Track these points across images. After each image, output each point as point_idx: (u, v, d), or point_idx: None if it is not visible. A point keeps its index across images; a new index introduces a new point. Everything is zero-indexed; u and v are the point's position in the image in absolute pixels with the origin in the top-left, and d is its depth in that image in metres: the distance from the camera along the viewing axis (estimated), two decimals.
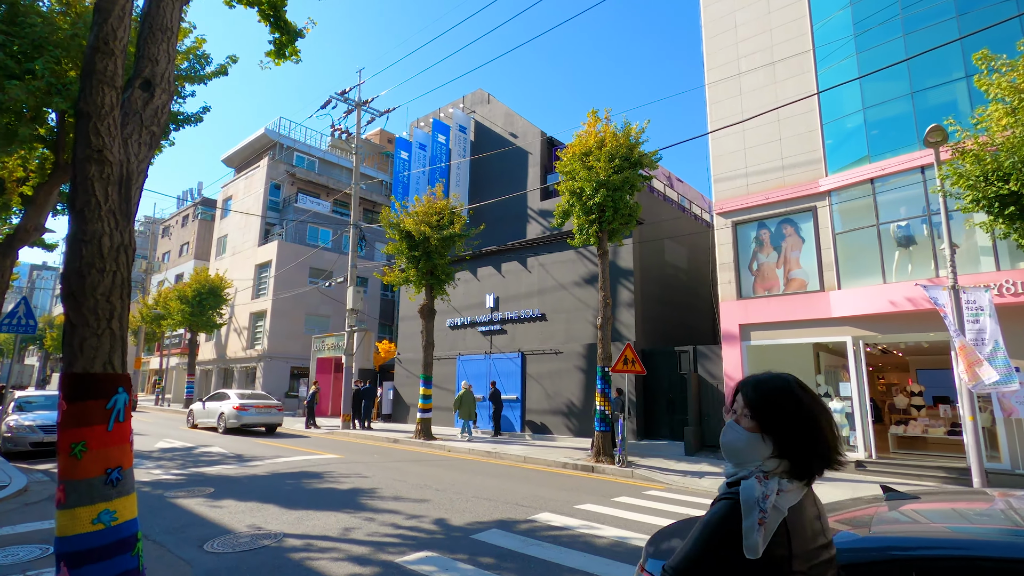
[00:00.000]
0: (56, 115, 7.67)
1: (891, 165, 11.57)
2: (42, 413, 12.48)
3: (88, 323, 2.65)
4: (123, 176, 2.80)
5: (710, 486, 9.90)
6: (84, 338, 2.64)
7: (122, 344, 2.78)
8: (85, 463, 2.55)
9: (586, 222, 12.79)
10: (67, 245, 2.70)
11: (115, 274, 2.76)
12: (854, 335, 11.84)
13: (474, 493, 8.63)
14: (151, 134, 3.01)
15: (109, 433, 2.63)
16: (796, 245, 13.05)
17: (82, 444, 2.55)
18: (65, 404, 2.60)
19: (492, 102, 21.35)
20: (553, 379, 17.20)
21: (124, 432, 2.72)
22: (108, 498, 2.60)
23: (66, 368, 2.65)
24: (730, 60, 14.64)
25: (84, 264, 2.65)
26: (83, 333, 2.64)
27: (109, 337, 2.72)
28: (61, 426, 2.60)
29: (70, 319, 2.66)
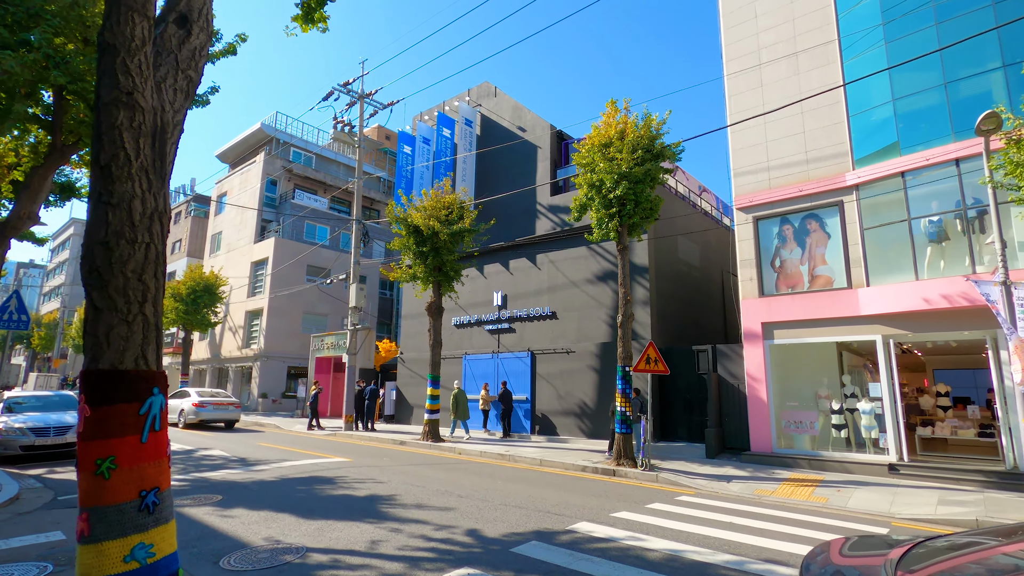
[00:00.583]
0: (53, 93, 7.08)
1: (924, 158, 11.18)
2: (33, 415, 11.83)
3: (116, 307, 2.13)
4: (156, 127, 2.28)
5: (740, 491, 9.47)
6: (111, 326, 2.12)
7: (157, 334, 2.26)
8: (114, 484, 2.02)
9: (606, 216, 12.32)
10: (90, 211, 2.18)
11: (148, 247, 2.24)
12: (884, 334, 11.44)
13: (501, 500, 8.12)
14: (187, 79, 2.49)
15: (143, 446, 2.11)
16: (821, 241, 12.64)
17: (110, 460, 2.03)
18: (88, 409, 2.07)
19: (499, 95, 20.84)
20: (564, 379, 16.72)
21: (161, 444, 2.20)
22: (143, 528, 2.08)
23: (89, 364, 2.13)
24: (750, 51, 14.22)
25: (111, 233, 2.13)
26: (110, 320, 2.12)
27: (142, 325, 2.20)
28: (83, 437, 2.07)
29: (93, 302, 2.14)
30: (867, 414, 11.63)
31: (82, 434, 2.08)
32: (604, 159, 12.09)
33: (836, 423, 12.01)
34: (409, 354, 21.85)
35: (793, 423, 12.53)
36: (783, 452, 12.20)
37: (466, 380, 19.38)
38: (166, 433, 2.24)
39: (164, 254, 2.33)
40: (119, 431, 2.07)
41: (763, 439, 12.49)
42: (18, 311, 8.69)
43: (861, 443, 11.98)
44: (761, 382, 12.72)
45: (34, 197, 7.46)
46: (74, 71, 6.49)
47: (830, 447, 12.09)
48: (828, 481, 10.38)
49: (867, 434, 11.68)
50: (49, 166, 7.43)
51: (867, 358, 14.38)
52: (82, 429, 2.08)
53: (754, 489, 9.65)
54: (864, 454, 11.50)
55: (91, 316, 2.14)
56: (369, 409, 18.61)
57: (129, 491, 2.06)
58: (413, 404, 21.12)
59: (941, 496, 9.13)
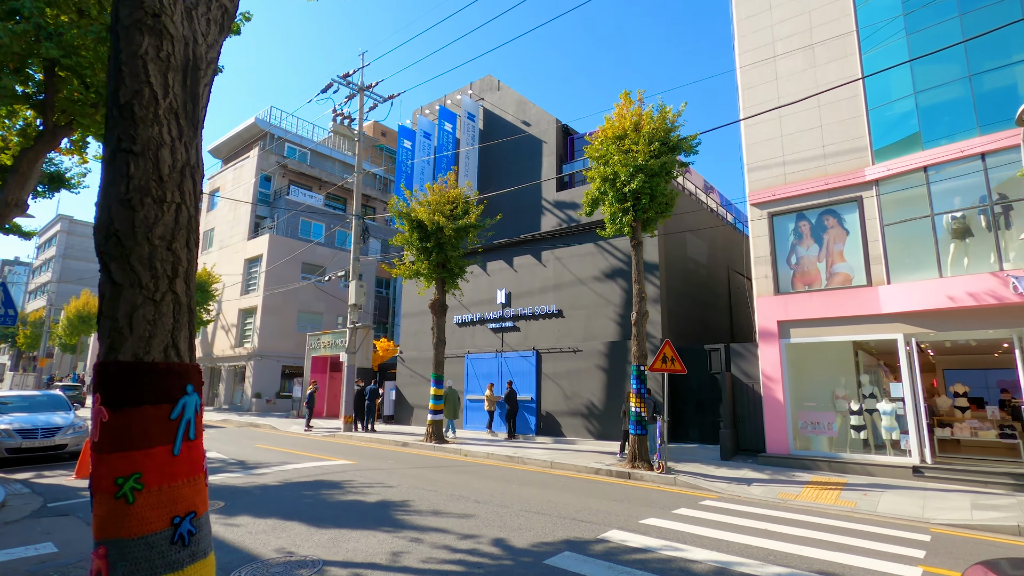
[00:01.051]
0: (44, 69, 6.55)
1: (947, 152, 10.89)
2: (19, 415, 11.23)
3: (141, 282, 1.70)
4: (188, 61, 1.84)
5: (763, 495, 9.12)
6: (134, 306, 1.68)
7: (189, 318, 1.83)
8: (140, 510, 1.58)
9: (619, 210, 11.93)
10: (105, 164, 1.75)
11: (179, 208, 1.81)
12: (906, 332, 11.15)
13: (520, 506, 7.69)
14: (222, 9, 2.06)
15: (175, 459, 1.68)
16: (839, 237, 12.33)
17: (134, 478, 1.59)
18: (106, 412, 1.63)
19: (503, 89, 20.40)
20: (571, 379, 16.32)
21: (196, 457, 1.76)
22: (177, 566, 1.62)
23: (106, 354, 1.69)
24: (764, 43, 13.90)
25: (134, 189, 1.70)
26: (133, 298, 1.68)
27: (172, 305, 1.77)
28: (99, 448, 1.63)
29: (112, 276, 1.70)
30: (888, 415, 11.33)
31: (97, 445, 1.63)
32: (619, 151, 11.70)
33: (855, 424, 11.70)
34: (409, 353, 21.36)
35: (810, 424, 12.21)
36: (800, 454, 11.88)
37: (468, 380, 18.93)
38: (202, 442, 1.81)
39: (197, 219, 1.90)
40: (145, 441, 1.64)
41: (780, 441, 12.16)
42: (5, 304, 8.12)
43: (880, 445, 11.68)
44: (777, 382, 12.40)
45: (23, 182, 6.92)
46: (67, 44, 5.99)
47: (848, 449, 11.78)
48: (852, 484, 10.06)
49: (887, 435, 11.38)
50: (39, 149, 6.90)
51: (881, 357, 14.12)
52: (97, 438, 1.64)
53: (777, 493, 9.31)
54: (885, 456, 11.20)
55: (108, 294, 1.70)
56: (370, 409, 18.11)
57: (159, 518, 1.62)
58: (413, 404, 20.63)
59: (973, 500, 8.83)
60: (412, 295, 21.33)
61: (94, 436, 1.66)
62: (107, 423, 1.63)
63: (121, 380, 1.68)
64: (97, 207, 1.76)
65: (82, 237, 62.23)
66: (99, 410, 1.64)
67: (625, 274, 15.86)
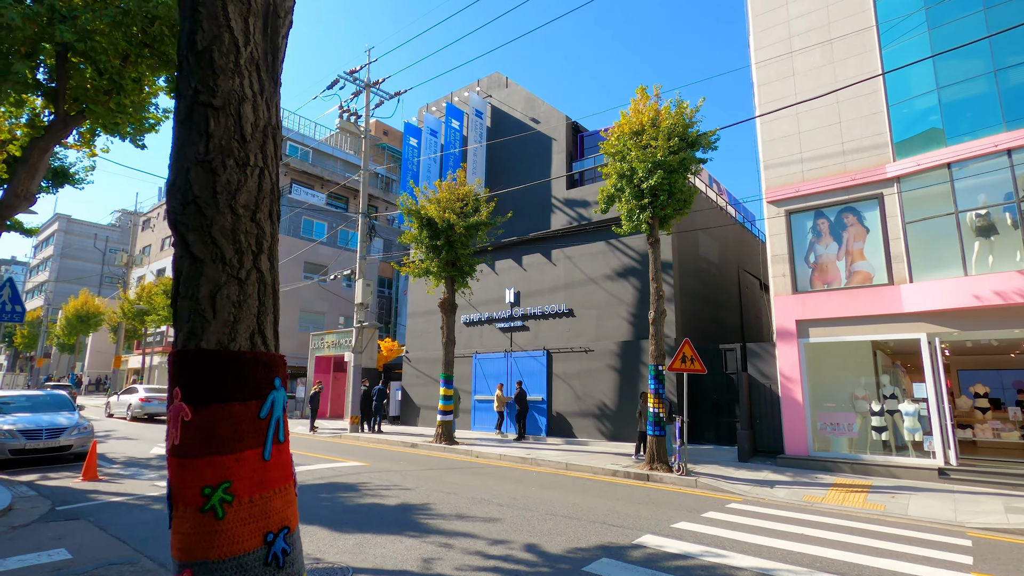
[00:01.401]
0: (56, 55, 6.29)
1: (972, 149, 10.70)
2: (23, 416, 10.94)
3: (224, 257, 1.46)
4: (268, 6, 1.60)
5: (787, 497, 8.91)
6: (218, 284, 1.44)
7: (274, 300, 1.59)
8: (231, 525, 1.33)
9: (637, 207, 11.71)
10: (179, 122, 1.51)
11: (262, 174, 1.58)
12: (930, 332, 10.95)
13: (546, 509, 7.46)
14: None
15: (266, 465, 1.43)
16: (859, 235, 12.13)
17: (223, 488, 1.35)
18: (188, 410, 1.39)
19: (511, 86, 20.18)
20: (582, 379, 16.09)
21: (287, 462, 1.52)
22: None
23: (185, 341, 1.44)
24: (781, 39, 13.70)
25: (215, 149, 1.46)
26: (216, 276, 1.44)
27: (257, 285, 1.53)
28: (181, 452, 1.38)
29: (190, 250, 1.46)
30: (910, 416, 11.13)
31: (179, 448, 1.38)
32: (636, 147, 11.49)
33: (876, 425, 11.49)
34: (415, 353, 21.11)
35: (829, 425, 12.01)
36: (820, 455, 11.67)
37: (476, 380, 18.69)
38: (289, 446, 1.56)
39: (279, 188, 1.66)
40: (235, 443, 1.39)
41: (799, 442, 11.95)
42: (12, 300, 7.82)
43: (901, 446, 11.49)
44: (796, 382, 12.19)
45: (33, 173, 6.64)
46: (82, 28, 5.74)
47: (868, 450, 11.58)
48: (878, 487, 9.85)
49: (910, 436, 11.18)
50: (50, 139, 6.63)
51: (897, 357, 13.93)
52: (178, 441, 1.39)
53: (803, 495, 9.10)
54: (908, 457, 11.00)
55: (187, 271, 1.45)
56: (377, 410, 17.86)
57: (251, 535, 1.37)
58: (420, 405, 20.38)
59: (1006, 503, 8.62)
60: (418, 294, 21.08)
61: (174, 438, 1.41)
62: (190, 422, 1.38)
63: (205, 371, 1.43)
64: (171, 169, 1.52)
65: (80, 236, 61.81)
66: (179, 407, 1.39)
67: (637, 273, 15.65)
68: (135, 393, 21.09)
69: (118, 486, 8.66)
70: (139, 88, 6.76)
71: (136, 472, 9.96)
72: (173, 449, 1.42)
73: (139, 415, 20.49)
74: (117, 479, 9.23)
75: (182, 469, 1.38)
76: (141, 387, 21.48)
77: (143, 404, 20.44)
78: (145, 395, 20.69)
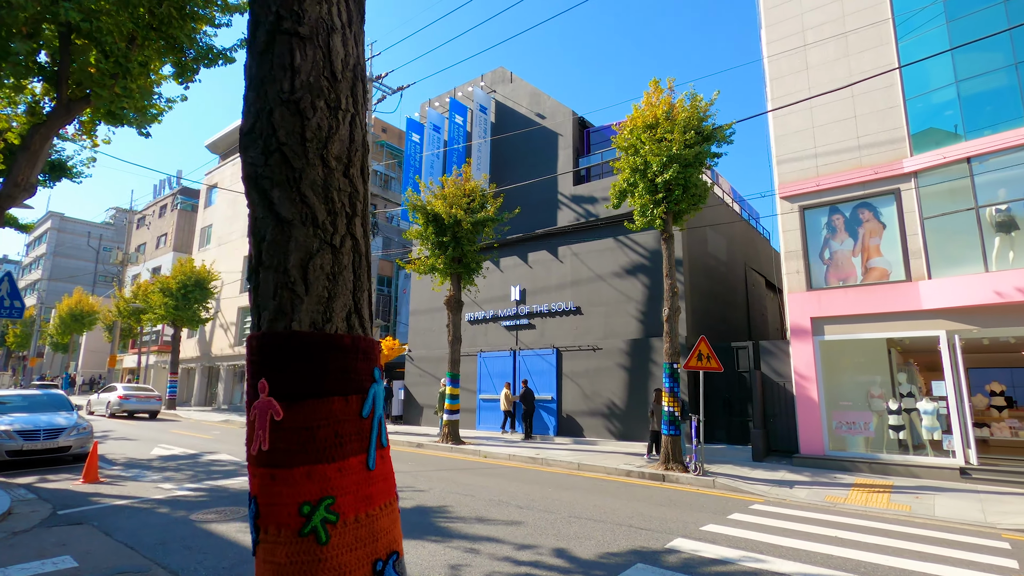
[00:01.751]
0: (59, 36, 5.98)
1: (992, 143, 10.52)
2: (20, 416, 10.59)
3: (316, 219, 1.19)
4: None
5: (809, 498, 8.70)
6: (310, 251, 1.17)
7: (369, 273, 1.32)
8: (336, 552, 1.03)
9: (651, 202, 11.48)
10: (258, 52, 1.23)
11: (354, 122, 1.31)
12: (949, 329, 10.77)
13: (567, 512, 7.21)
14: None
15: (371, 476, 1.15)
16: (876, 231, 11.94)
17: (325, 505, 1.07)
18: (279, 407, 1.11)
19: (515, 80, 19.90)
20: (590, 378, 15.85)
21: (389, 473, 1.24)
22: None
23: (271, 321, 1.16)
24: (794, 32, 13.50)
25: (302, 87, 1.19)
26: (307, 241, 1.17)
27: (352, 255, 1.27)
28: (271, 460, 1.12)
29: (275, 209, 1.18)
30: (929, 414, 10.96)
31: (267, 456, 1.09)
32: (651, 140, 11.25)
33: (894, 424, 11.31)
34: (418, 351, 20.82)
35: (845, 424, 11.81)
36: (836, 455, 11.47)
37: (481, 379, 18.43)
38: (390, 452, 1.29)
39: (368, 142, 1.39)
40: (337, 449, 1.11)
41: (814, 441, 11.75)
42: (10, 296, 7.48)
43: (918, 445, 11.31)
44: (811, 380, 11.99)
45: (33, 161, 6.30)
46: (87, 7, 5.44)
47: (884, 449, 11.40)
48: (899, 487, 9.66)
49: (928, 435, 11.01)
50: (52, 125, 6.30)
51: (910, 355, 13.76)
52: (267, 445, 1.10)
53: (824, 496, 8.89)
54: (928, 457, 10.81)
55: (271, 235, 1.18)
56: None
57: (358, 564, 1.06)
58: (423, 404, 20.09)
59: None
60: (420, 292, 20.80)
61: (261, 442, 1.12)
62: (282, 422, 1.10)
63: (299, 359, 1.16)
64: (246, 113, 1.25)
65: (73, 234, 61.11)
66: (267, 404, 1.11)
67: (647, 270, 15.42)
68: (114, 391, 22.37)
69: (121, 488, 8.35)
70: (146, 73, 6.45)
71: (138, 474, 9.64)
72: (260, 457, 1.16)
73: (117, 412, 21.75)
74: (119, 481, 8.92)
75: (273, 482, 1.11)
76: (120, 386, 22.93)
77: (121, 401, 21.66)
78: (124, 393, 22.01)
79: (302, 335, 1.16)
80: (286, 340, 1.17)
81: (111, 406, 21.90)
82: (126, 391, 22.25)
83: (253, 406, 1.15)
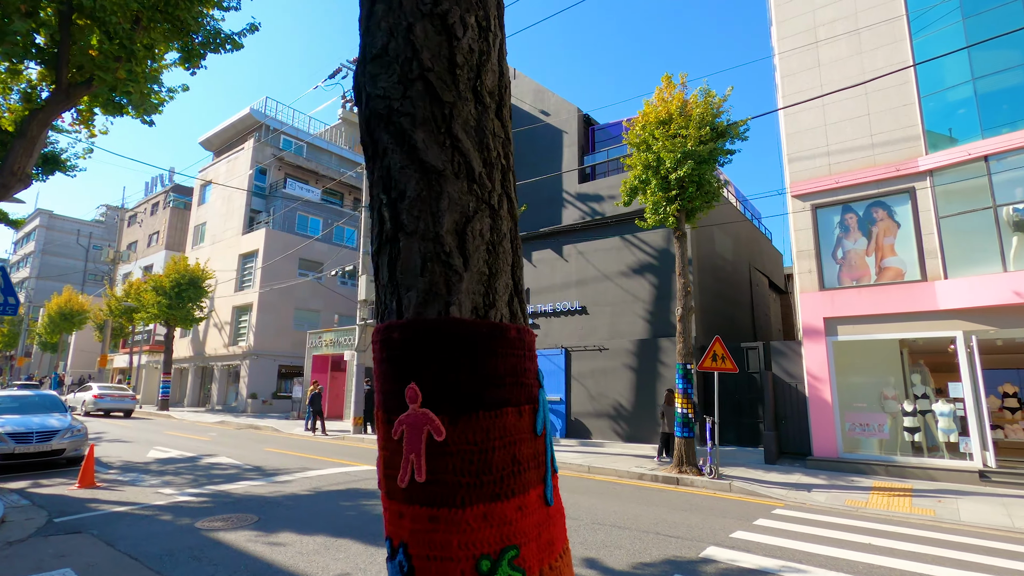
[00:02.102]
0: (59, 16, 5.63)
1: (1010, 141, 10.38)
2: (11, 418, 10.17)
3: (471, 169, 0.88)
4: None
5: (828, 502, 8.50)
6: (466, 213, 0.85)
7: (521, 246, 1.03)
8: None
9: (663, 199, 11.25)
10: None
11: (501, 48, 1.02)
12: (966, 329, 10.61)
13: (590, 518, 6.94)
14: None
15: (549, 512, 0.86)
16: (890, 230, 11.78)
17: (508, 558, 0.77)
18: (440, 423, 0.82)
19: (519, 77, 19.63)
20: (596, 379, 15.60)
21: (562, 508, 0.93)
22: None
23: (419, 306, 0.85)
24: (805, 28, 13.32)
25: (450, 6, 0.90)
26: (461, 198, 0.85)
27: (509, 219, 0.97)
28: (427, 498, 0.82)
29: (419, 154, 0.86)
30: (945, 416, 10.79)
31: (426, 491, 0.82)
32: (664, 136, 11.02)
33: (909, 426, 11.14)
34: None
35: (859, 426, 11.63)
36: (851, 457, 11.29)
37: None
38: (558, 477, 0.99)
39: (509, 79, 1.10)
40: (516, 479, 0.84)
41: (827, 443, 11.56)
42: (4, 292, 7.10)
43: (932, 447, 11.14)
44: (824, 382, 11.80)
45: (31, 148, 5.92)
46: None
47: (898, 451, 11.23)
48: (919, 490, 9.48)
49: (944, 437, 10.84)
50: (50, 111, 5.94)
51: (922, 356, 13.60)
52: (423, 476, 0.81)
53: (843, 500, 8.70)
54: (946, 459, 10.64)
55: (415, 191, 0.85)
56: None
57: None
58: None
59: None
60: None
61: (415, 470, 0.81)
62: (446, 444, 0.80)
63: (463, 356, 0.86)
64: (370, 31, 0.94)
65: (62, 232, 60.16)
66: (422, 417, 0.78)
67: (654, 269, 15.20)
68: (89, 391, 22.93)
69: (119, 494, 8.00)
70: (151, 57, 6.12)
71: (136, 478, 9.28)
72: (413, 491, 0.84)
73: (92, 410, 22.22)
74: (117, 486, 8.56)
75: (435, 526, 0.80)
76: (95, 385, 23.45)
77: (96, 400, 22.06)
78: (98, 392, 22.52)
79: (469, 324, 0.86)
80: (448, 330, 0.86)
81: (86, 405, 22.16)
82: (101, 390, 22.71)
83: (398, 420, 0.84)
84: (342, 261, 29.63)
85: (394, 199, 0.92)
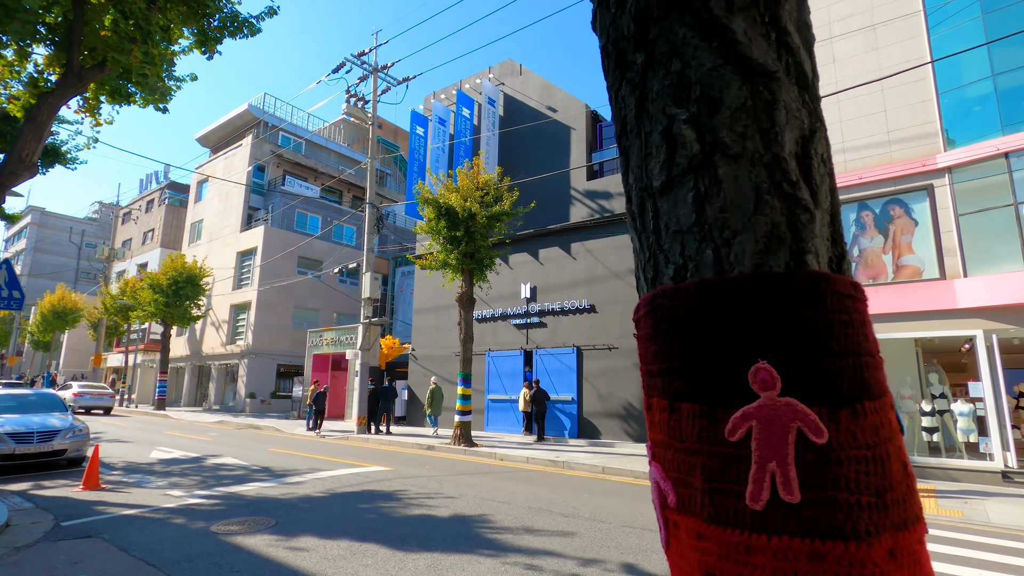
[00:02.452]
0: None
1: None
2: (10, 417, 9.85)
3: (802, 72, 0.67)
4: None
5: None
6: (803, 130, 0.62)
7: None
8: None
9: None
10: None
11: None
12: (986, 328, 10.48)
13: (619, 521, 6.73)
14: None
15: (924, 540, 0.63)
16: (907, 228, 11.64)
17: None
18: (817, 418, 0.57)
19: (525, 73, 19.40)
20: (606, 378, 15.40)
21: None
22: None
23: (758, 255, 0.60)
24: (820, 24, 13.16)
25: None
26: (798, 110, 0.66)
27: (824, 141, 0.75)
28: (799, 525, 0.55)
29: (739, 50, 0.61)
30: (965, 416, 10.66)
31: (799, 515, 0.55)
32: None
33: (927, 426, 11.01)
34: (422, 351, 20.24)
35: None
36: None
37: (489, 379, 17.91)
38: None
39: None
40: (913, 498, 0.61)
41: None
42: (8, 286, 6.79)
43: (950, 447, 11.01)
44: None
45: (39, 134, 5.64)
46: None
47: (915, 451, 11.09)
48: (942, 491, 9.35)
49: (963, 438, 10.71)
50: (61, 95, 5.66)
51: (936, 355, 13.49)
52: (797, 494, 0.55)
53: None
54: (968, 460, 10.52)
55: (737, 97, 0.58)
56: (385, 410, 16.97)
57: None
58: None
59: None
60: (425, 289, 20.22)
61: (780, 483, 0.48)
62: (833, 447, 0.58)
63: (834, 327, 0.64)
64: None
65: (54, 230, 59.40)
66: (788, 409, 0.50)
67: None
68: (70, 389, 23.56)
69: (126, 496, 7.71)
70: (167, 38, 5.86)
71: (142, 479, 8.99)
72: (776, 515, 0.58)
73: (74, 408, 21.94)
74: (123, 488, 8.27)
75: (817, 568, 0.55)
76: (75, 383, 24.40)
77: (76, 399, 22.55)
78: (79, 390, 23.20)
79: (836, 281, 0.63)
80: (812, 288, 0.62)
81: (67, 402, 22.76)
82: (81, 388, 23.45)
83: (739, 414, 0.58)
84: (341, 259, 29.31)
85: (696, 113, 0.69)
